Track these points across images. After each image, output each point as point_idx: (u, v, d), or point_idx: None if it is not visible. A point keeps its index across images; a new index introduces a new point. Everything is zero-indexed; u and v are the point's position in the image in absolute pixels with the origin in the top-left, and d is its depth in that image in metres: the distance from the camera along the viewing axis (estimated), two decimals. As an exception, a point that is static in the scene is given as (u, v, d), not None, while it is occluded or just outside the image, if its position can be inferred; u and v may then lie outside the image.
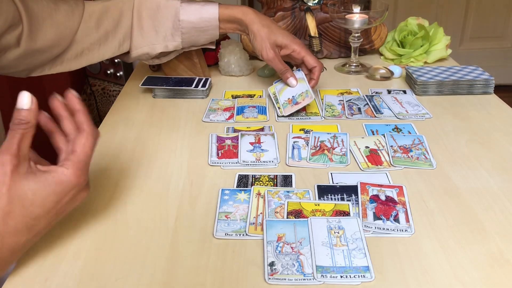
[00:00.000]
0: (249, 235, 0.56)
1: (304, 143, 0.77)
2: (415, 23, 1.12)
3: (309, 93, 0.85)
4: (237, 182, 0.67)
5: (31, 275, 0.51)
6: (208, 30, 0.88)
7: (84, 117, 0.53)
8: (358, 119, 0.85)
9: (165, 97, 0.96)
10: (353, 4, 1.06)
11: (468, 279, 0.49)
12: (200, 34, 0.89)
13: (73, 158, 0.50)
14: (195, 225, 0.59)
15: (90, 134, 0.52)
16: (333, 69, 1.11)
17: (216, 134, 0.79)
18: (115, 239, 0.57)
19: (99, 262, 0.53)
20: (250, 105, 0.91)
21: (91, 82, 1.91)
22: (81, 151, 0.51)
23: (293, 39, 0.90)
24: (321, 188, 0.65)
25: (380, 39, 1.15)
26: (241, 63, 1.05)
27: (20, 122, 0.48)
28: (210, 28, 0.88)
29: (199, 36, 0.89)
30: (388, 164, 0.71)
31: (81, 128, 0.52)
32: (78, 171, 0.50)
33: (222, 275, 0.51)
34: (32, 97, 0.49)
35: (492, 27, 2.65)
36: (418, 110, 0.88)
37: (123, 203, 0.63)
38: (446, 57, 1.13)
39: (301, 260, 0.52)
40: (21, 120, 0.48)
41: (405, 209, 0.60)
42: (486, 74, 0.95)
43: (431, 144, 0.76)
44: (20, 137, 0.48)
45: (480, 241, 0.55)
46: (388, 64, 1.12)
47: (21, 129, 0.48)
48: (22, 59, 0.76)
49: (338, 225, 0.57)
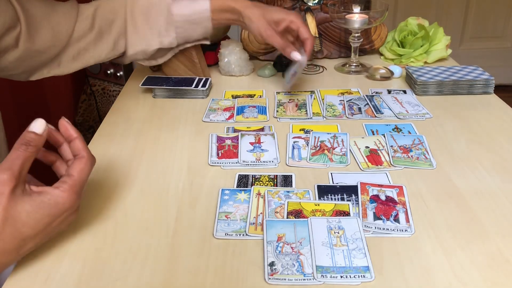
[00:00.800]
0: (249, 235, 0.56)
1: (304, 143, 0.77)
2: (415, 23, 1.12)
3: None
4: (237, 182, 0.67)
5: (31, 275, 0.51)
6: (201, 23, 0.88)
7: (82, 144, 0.54)
8: (359, 119, 0.85)
9: (165, 97, 0.96)
10: (353, 4, 1.06)
11: (468, 279, 0.49)
12: (194, 27, 0.89)
13: (70, 182, 0.51)
14: (195, 225, 0.59)
15: (89, 160, 0.53)
16: (333, 69, 1.11)
17: (216, 134, 0.79)
18: (115, 239, 0.57)
19: (99, 262, 0.53)
20: (250, 105, 0.91)
21: (91, 82, 1.91)
22: (78, 175, 0.52)
23: (287, 12, 0.90)
24: (321, 188, 0.65)
25: (380, 39, 1.15)
26: (241, 63, 1.05)
27: (28, 143, 0.49)
28: (203, 20, 0.88)
29: (193, 30, 0.89)
30: (388, 164, 0.71)
31: (80, 154, 0.53)
32: (74, 195, 0.51)
33: (222, 275, 0.51)
34: (46, 125, 0.51)
35: (492, 27, 2.65)
36: (418, 110, 0.88)
37: (123, 203, 0.63)
38: (446, 57, 1.13)
39: (301, 260, 0.52)
40: (29, 142, 0.49)
41: (405, 209, 0.60)
42: (486, 74, 0.95)
43: (431, 144, 0.76)
44: (24, 159, 0.48)
45: (480, 241, 0.55)
46: (388, 64, 1.12)
47: (27, 151, 0.48)
48: (21, 60, 0.76)
49: (338, 225, 0.57)
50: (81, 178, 0.52)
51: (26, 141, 0.49)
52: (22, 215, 0.47)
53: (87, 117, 1.90)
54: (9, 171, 0.47)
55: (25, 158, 0.48)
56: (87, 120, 1.90)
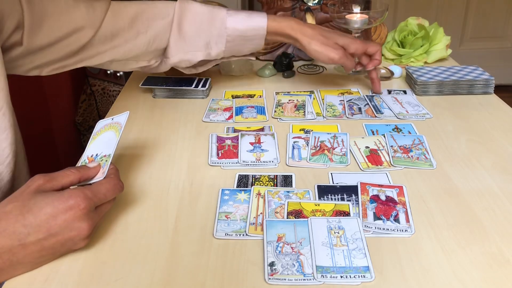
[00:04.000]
0: (249, 235, 0.56)
1: (304, 143, 0.77)
2: (415, 23, 1.12)
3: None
4: (237, 182, 0.67)
5: (31, 275, 0.51)
6: (254, 40, 0.86)
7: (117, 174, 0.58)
8: (359, 119, 0.85)
9: (165, 97, 0.96)
10: (353, 4, 1.06)
11: (468, 279, 0.49)
12: (245, 43, 0.87)
13: (84, 188, 0.52)
14: (195, 225, 0.59)
15: (118, 185, 0.56)
16: (333, 69, 1.11)
17: (216, 134, 0.79)
18: (115, 239, 0.57)
19: (99, 262, 0.53)
20: (248, 105, 0.91)
21: (91, 82, 1.91)
22: (98, 189, 0.53)
23: (352, 38, 0.91)
24: (321, 188, 0.65)
25: (380, 39, 1.15)
26: (241, 63, 1.05)
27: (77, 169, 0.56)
28: (257, 38, 0.86)
29: (244, 45, 0.87)
30: (388, 164, 0.71)
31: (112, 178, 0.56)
32: (84, 197, 0.51)
33: (222, 275, 0.51)
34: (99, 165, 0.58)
35: (492, 27, 2.65)
36: (418, 110, 0.88)
37: (123, 203, 0.63)
38: (446, 57, 1.13)
39: (301, 260, 0.52)
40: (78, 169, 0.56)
41: (405, 209, 0.60)
42: (486, 74, 0.95)
43: (431, 144, 0.76)
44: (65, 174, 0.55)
45: (480, 241, 0.55)
46: (388, 64, 1.12)
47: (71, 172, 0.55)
48: (27, 57, 0.75)
49: (338, 225, 0.57)
50: (99, 191, 0.53)
51: (76, 167, 0.56)
52: (30, 202, 0.49)
53: (87, 117, 1.90)
54: (46, 177, 0.53)
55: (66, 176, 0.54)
56: (87, 120, 1.90)
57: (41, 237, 0.49)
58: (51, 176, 0.53)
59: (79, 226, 0.51)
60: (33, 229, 0.49)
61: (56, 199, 0.50)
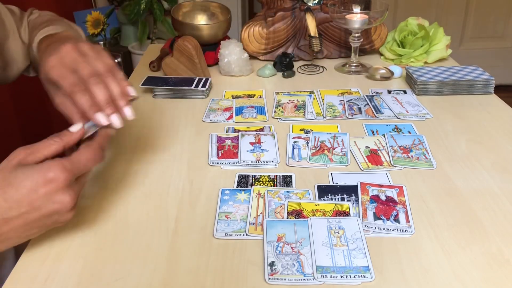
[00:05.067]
0: (249, 235, 0.56)
1: (304, 143, 0.77)
2: (415, 23, 1.12)
3: None
4: (237, 182, 0.67)
5: (31, 275, 0.51)
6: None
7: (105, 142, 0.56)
8: (359, 119, 0.85)
9: (165, 97, 0.96)
10: (353, 4, 1.06)
11: (468, 279, 0.50)
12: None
13: (64, 160, 0.51)
14: (195, 225, 0.59)
15: (99, 154, 0.54)
16: (333, 69, 1.11)
17: (216, 134, 0.79)
18: (115, 239, 0.57)
19: (99, 262, 0.53)
20: (248, 106, 0.91)
21: (91, 82, 1.91)
22: (76, 159, 0.52)
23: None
24: (321, 188, 0.65)
25: (380, 39, 1.15)
26: (241, 63, 1.05)
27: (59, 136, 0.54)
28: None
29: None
30: (388, 164, 0.71)
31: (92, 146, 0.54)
32: (63, 169, 0.49)
33: (222, 275, 0.51)
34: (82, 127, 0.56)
35: (492, 27, 2.65)
36: (418, 110, 0.88)
37: (123, 203, 0.63)
38: (446, 57, 1.13)
39: (301, 260, 0.52)
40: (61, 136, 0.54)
41: (405, 209, 0.60)
42: (486, 74, 0.95)
43: (431, 144, 0.76)
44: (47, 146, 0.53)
45: (480, 241, 0.55)
46: (388, 64, 1.12)
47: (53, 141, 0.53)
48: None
49: (338, 225, 0.57)
50: (79, 161, 0.51)
51: (58, 134, 0.54)
52: (11, 176, 0.49)
53: (87, 117, 1.90)
54: (27, 150, 0.51)
55: (48, 145, 0.52)
56: (87, 120, 1.90)
57: (23, 211, 0.48)
58: (32, 148, 0.51)
59: (62, 198, 0.50)
60: (15, 203, 0.48)
61: (35, 172, 0.49)
